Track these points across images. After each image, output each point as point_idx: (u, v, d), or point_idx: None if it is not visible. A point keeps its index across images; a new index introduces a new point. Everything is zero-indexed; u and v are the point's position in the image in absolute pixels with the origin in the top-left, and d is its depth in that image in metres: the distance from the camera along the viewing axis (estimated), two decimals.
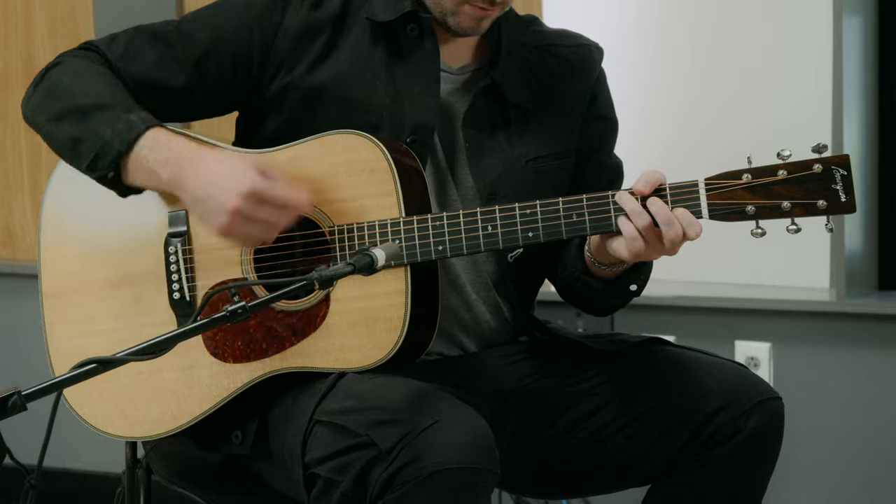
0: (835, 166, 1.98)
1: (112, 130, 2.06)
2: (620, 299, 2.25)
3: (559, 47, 2.32)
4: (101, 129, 2.07)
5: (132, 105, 2.10)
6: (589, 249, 2.16)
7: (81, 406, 2.24)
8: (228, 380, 2.16)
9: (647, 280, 2.23)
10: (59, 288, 2.25)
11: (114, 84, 2.15)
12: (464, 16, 2.16)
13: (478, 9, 2.15)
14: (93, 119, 2.08)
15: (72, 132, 2.10)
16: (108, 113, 2.08)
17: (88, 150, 2.07)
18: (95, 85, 2.13)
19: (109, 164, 2.07)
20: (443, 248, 2.07)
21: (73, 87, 2.13)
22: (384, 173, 2.09)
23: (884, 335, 3.40)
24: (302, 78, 2.19)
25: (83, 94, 2.11)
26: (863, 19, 3.49)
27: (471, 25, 2.17)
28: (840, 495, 3.47)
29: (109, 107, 2.09)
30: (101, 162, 2.07)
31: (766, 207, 2.00)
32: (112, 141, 2.06)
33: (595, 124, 2.33)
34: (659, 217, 2.01)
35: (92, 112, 2.08)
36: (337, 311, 2.10)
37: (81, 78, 2.14)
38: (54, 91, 2.15)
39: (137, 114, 2.08)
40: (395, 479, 1.91)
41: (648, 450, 2.19)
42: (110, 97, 2.11)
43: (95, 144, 2.07)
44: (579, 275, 2.22)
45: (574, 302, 2.32)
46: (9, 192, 4.18)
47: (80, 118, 2.09)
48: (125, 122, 2.06)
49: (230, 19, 2.21)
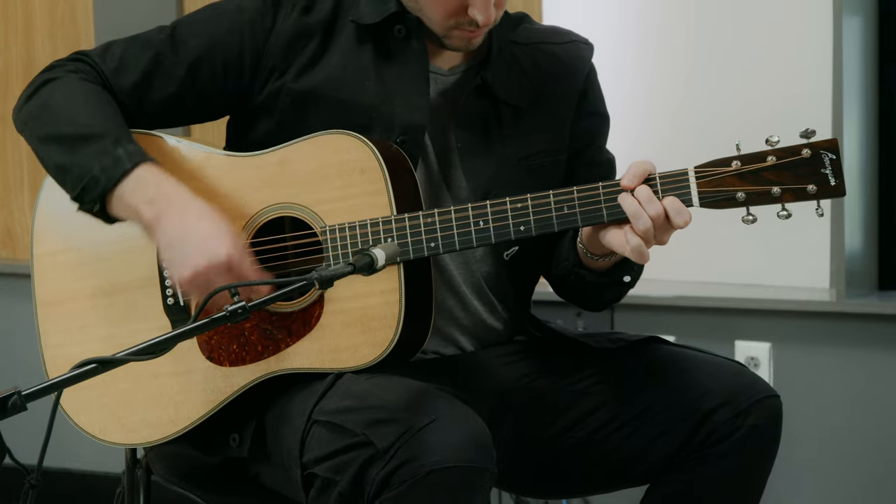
0: (823, 150, 1.98)
1: (99, 165, 2.07)
2: (615, 292, 2.25)
3: (549, 44, 2.32)
4: (88, 163, 2.08)
5: (121, 135, 2.10)
6: (581, 241, 2.16)
7: (78, 414, 2.24)
8: (225, 383, 2.16)
9: (641, 272, 2.23)
10: (53, 296, 2.26)
11: (104, 108, 2.15)
12: (454, 38, 2.17)
13: (467, 31, 2.15)
14: (81, 150, 2.09)
15: (59, 160, 2.11)
16: (96, 145, 2.09)
17: (75, 183, 2.09)
18: (86, 111, 2.13)
19: (95, 199, 2.09)
20: (435, 245, 2.07)
21: (63, 110, 2.13)
22: (374, 172, 2.09)
23: (884, 335, 3.40)
24: (293, 82, 2.19)
25: (71, 120, 2.12)
26: (863, 19, 3.49)
27: (463, 45, 2.18)
28: (840, 495, 3.47)
29: (98, 138, 2.09)
30: (87, 196, 2.09)
31: (755, 194, 2.00)
32: (99, 176, 2.07)
33: (586, 120, 2.34)
34: (642, 198, 2.01)
35: (80, 142, 2.09)
36: (331, 311, 2.10)
37: (72, 101, 2.14)
38: (44, 111, 2.15)
39: (125, 147, 2.08)
40: (393, 478, 1.91)
41: (647, 449, 2.19)
42: (100, 127, 2.11)
43: (82, 178, 2.08)
44: (572, 267, 2.22)
45: (568, 296, 2.32)
46: (9, 192, 4.18)
47: (68, 147, 2.10)
48: (112, 157, 2.07)
49: (222, 24, 2.21)
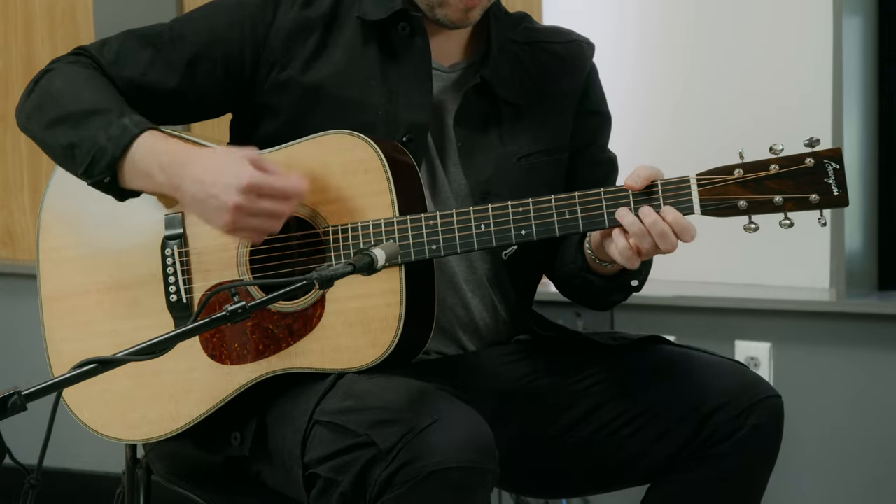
0: (827, 160, 1.97)
1: (106, 135, 2.07)
2: (621, 295, 2.26)
3: (550, 44, 2.33)
4: (96, 135, 2.08)
5: (125, 108, 2.11)
6: (590, 247, 2.16)
7: (80, 409, 2.24)
8: (226, 382, 2.16)
9: (648, 275, 2.23)
10: (58, 292, 2.26)
11: (106, 87, 2.16)
12: (450, 7, 2.16)
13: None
14: (86, 124, 2.09)
15: (66, 138, 2.11)
16: (101, 118, 2.09)
17: (84, 156, 2.09)
18: (88, 89, 2.14)
19: (105, 169, 2.08)
20: (436, 247, 2.07)
21: (66, 92, 2.14)
22: (378, 173, 2.09)
23: (884, 335, 3.40)
24: (300, 75, 2.19)
25: (75, 99, 2.12)
26: (863, 19, 3.49)
27: (459, 17, 2.17)
28: (840, 495, 3.47)
29: (103, 111, 2.10)
30: (97, 167, 2.08)
31: (758, 202, 1.99)
32: (107, 146, 2.07)
33: (587, 119, 2.34)
34: (653, 230, 2.01)
35: (85, 117, 2.09)
36: (332, 311, 2.10)
37: (73, 83, 2.15)
38: (47, 98, 2.16)
39: (131, 117, 2.09)
40: (395, 478, 1.91)
41: (648, 449, 2.19)
42: (103, 101, 2.11)
43: (90, 150, 2.08)
44: (579, 271, 2.22)
45: (574, 297, 2.32)
46: (9, 193, 4.18)
47: (73, 124, 2.10)
48: (119, 126, 2.07)
49: (222, 19, 2.21)
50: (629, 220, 2.02)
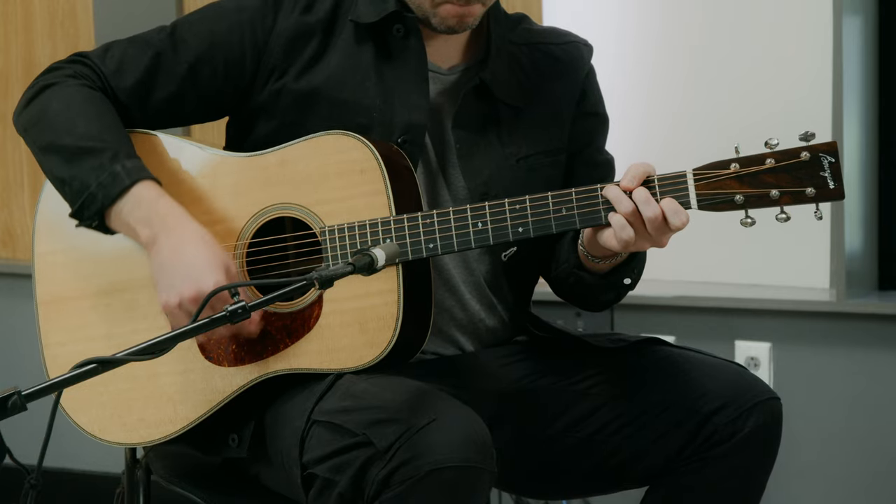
0: (822, 153, 1.98)
1: (96, 182, 2.09)
2: (615, 293, 2.25)
3: (548, 45, 2.33)
4: (87, 178, 2.09)
5: (119, 149, 2.11)
6: (582, 243, 2.16)
7: (78, 414, 2.24)
8: (224, 383, 2.16)
9: (641, 274, 2.23)
10: (53, 295, 2.26)
11: (102, 116, 2.15)
12: (444, 15, 2.16)
13: (456, 6, 2.14)
14: (78, 163, 2.10)
15: (58, 172, 2.13)
16: (94, 160, 2.10)
17: (74, 196, 2.11)
18: (83, 119, 2.13)
19: (94, 216, 2.11)
20: (433, 247, 2.07)
21: (62, 119, 2.14)
22: (374, 173, 2.09)
23: (884, 335, 3.40)
24: (294, 82, 2.19)
25: (69, 129, 2.12)
26: (863, 19, 3.48)
27: (454, 23, 2.17)
28: (840, 495, 3.47)
29: (96, 152, 2.10)
30: (86, 212, 2.11)
31: (754, 196, 2.00)
32: (96, 193, 2.09)
33: (585, 121, 2.34)
34: (639, 199, 2.01)
35: (78, 155, 2.11)
36: (330, 311, 2.10)
37: (70, 109, 2.15)
38: (43, 119, 2.16)
39: (123, 163, 2.09)
40: (393, 477, 1.91)
41: (647, 450, 2.19)
42: (97, 138, 2.12)
43: (81, 193, 2.10)
44: (572, 269, 2.22)
45: (568, 297, 2.32)
46: (9, 192, 4.18)
47: (66, 158, 2.11)
48: (110, 174, 2.08)
49: (222, 24, 2.21)
50: (614, 194, 2.01)
